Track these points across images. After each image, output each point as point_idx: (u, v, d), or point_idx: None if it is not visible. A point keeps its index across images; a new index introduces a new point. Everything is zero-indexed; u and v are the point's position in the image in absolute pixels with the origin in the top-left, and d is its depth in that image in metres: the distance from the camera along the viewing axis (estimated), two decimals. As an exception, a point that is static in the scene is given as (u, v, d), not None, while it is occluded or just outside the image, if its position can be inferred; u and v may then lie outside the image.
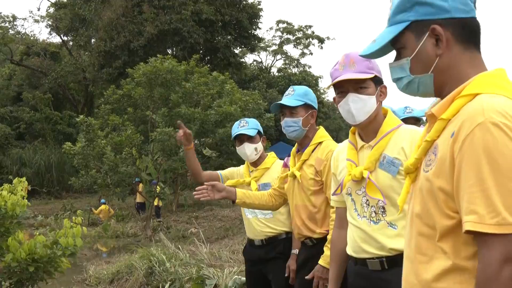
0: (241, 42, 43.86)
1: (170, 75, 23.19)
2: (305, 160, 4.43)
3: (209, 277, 9.36)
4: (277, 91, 47.00)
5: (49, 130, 48.39)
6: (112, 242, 21.37)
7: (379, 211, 3.23)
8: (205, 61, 40.05)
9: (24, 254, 6.26)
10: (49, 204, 37.22)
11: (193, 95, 23.64)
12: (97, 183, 21.83)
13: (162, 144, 21.28)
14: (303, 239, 4.46)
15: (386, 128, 3.29)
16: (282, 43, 60.44)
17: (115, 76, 38.29)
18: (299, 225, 4.40)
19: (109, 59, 39.86)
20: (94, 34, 44.03)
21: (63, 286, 12.82)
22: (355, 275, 3.42)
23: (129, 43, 38.26)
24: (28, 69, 53.13)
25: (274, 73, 59.42)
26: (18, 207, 6.44)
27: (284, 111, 4.52)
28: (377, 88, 3.34)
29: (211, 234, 19.53)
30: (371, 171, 3.26)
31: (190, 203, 30.48)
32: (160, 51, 34.76)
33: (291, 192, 4.53)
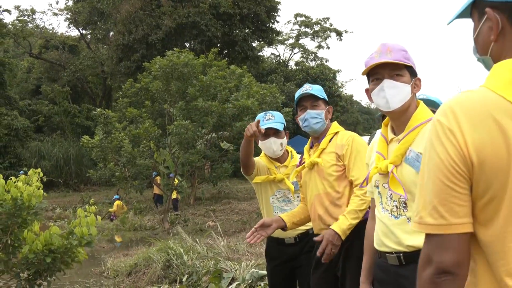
0: (259, 35, 43.81)
1: (186, 68, 23.17)
2: (323, 149, 4.39)
3: (227, 270, 9.33)
4: (294, 84, 46.93)
5: (67, 123, 48.62)
6: (129, 234, 21.42)
7: (401, 206, 3.19)
8: (223, 55, 40.05)
9: (40, 245, 6.26)
10: (67, 197, 37.40)
11: (210, 89, 23.61)
12: (115, 176, 21.89)
13: (179, 137, 21.30)
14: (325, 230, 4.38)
15: (415, 122, 3.23)
16: (300, 37, 60.30)
17: (133, 69, 38.39)
18: (321, 213, 4.32)
19: (127, 53, 39.95)
20: (112, 28, 44.20)
21: (82, 278, 12.89)
22: (378, 268, 3.39)
23: (147, 36, 38.32)
24: (47, 63, 53.45)
25: (291, 66, 59.35)
26: (34, 198, 6.44)
27: (305, 105, 4.47)
28: (412, 79, 3.28)
29: (228, 227, 19.53)
30: (396, 165, 3.20)
31: (207, 196, 30.52)
32: (178, 44, 34.80)
33: (309, 183, 4.47)
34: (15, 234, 6.44)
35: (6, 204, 6.25)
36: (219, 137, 24.20)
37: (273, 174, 5.27)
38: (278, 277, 5.28)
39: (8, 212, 6.27)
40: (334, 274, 4.28)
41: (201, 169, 25.98)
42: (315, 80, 52.46)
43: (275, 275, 5.30)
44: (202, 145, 23.60)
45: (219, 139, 24.30)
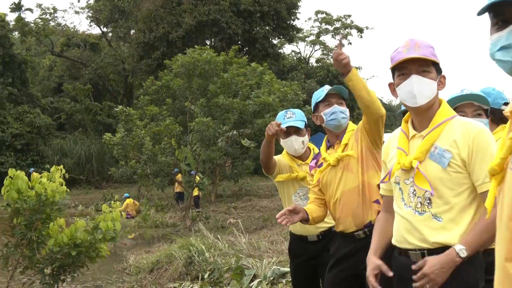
0: (280, 32, 43.79)
1: (208, 65, 23.20)
2: (346, 144, 4.38)
3: (248, 267, 9.34)
4: (315, 81, 46.85)
5: (89, 120, 48.88)
6: (151, 231, 21.49)
7: (425, 202, 3.16)
8: (243, 52, 40.06)
9: (66, 239, 6.30)
10: (89, 194, 37.64)
11: (231, 86, 23.63)
12: (136, 173, 21.97)
13: (200, 134, 21.33)
14: (355, 230, 4.32)
15: (439, 118, 3.21)
16: (321, 33, 60.14)
17: (154, 67, 38.52)
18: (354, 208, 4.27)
19: (148, 50, 40.09)
20: (133, 26, 44.39)
21: (104, 274, 12.96)
22: (399, 266, 3.36)
23: (167, 34, 38.43)
24: (68, 60, 53.75)
25: (312, 63, 59.25)
26: (57, 194, 6.49)
27: (331, 101, 4.48)
28: (437, 76, 3.27)
29: (249, 224, 19.52)
30: (420, 161, 3.19)
31: (229, 193, 30.55)
32: (199, 42, 34.88)
33: (335, 180, 4.43)
34: (39, 230, 6.49)
35: (30, 200, 6.30)
36: (240, 134, 24.20)
37: (295, 172, 5.26)
38: (302, 275, 5.26)
39: (32, 208, 6.33)
40: (353, 273, 4.24)
41: (222, 166, 26.00)
42: (336, 77, 52.33)
43: (298, 273, 5.28)
44: (223, 142, 23.61)
45: (240, 136, 24.30)
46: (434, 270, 3.03)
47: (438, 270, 3.03)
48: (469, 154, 3.05)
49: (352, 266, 4.21)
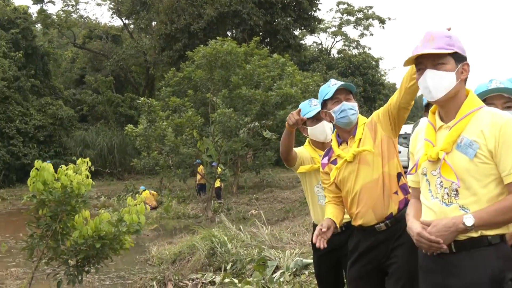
0: (301, 23, 43.62)
1: (230, 57, 23.20)
2: (360, 139, 4.35)
3: (271, 258, 9.34)
4: (337, 73, 46.74)
5: (111, 112, 49.06)
6: (173, 223, 21.57)
7: (452, 194, 3.15)
8: (264, 43, 39.96)
9: (90, 231, 6.34)
10: (112, 185, 37.82)
11: (253, 77, 23.62)
12: (158, 164, 22.05)
13: (222, 125, 21.35)
14: (376, 222, 4.31)
15: (466, 109, 3.19)
16: (342, 24, 59.92)
17: (175, 58, 38.56)
18: (375, 201, 4.26)
19: (169, 42, 40.12)
20: (154, 17, 44.41)
21: (127, 265, 13.04)
22: (425, 257, 3.34)
23: (189, 25, 38.43)
24: (91, 52, 53.94)
25: (334, 54, 59.07)
26: (83, 187, 6.52)
27: (339, 97, 4.43)
28: (457, 65, 3.24)
29: (271, 216, 19.51)
30: (447, 152, 3.17)
31: (250, 184, 30.57)
32: (220, 33, 34.81)
33: (351, 177, 4.37)
34: (64, 221, 6.53)
35: (56, 192, 6.33)
36: (262, 126, 24.18)
37: (317, 163, 5.22)
38: (325, 266, 5.25)
39: (57, 200, 6.37)
40: (376, 266, 4.23)
41: (243, 158, 26.03)
42: (358, 68, 52.16)
43: (321, 264, 5.27)
44: (245, 134, 23.61)
45: (262, 128, 24.28)
46: (436, 230, 3.09)
47: (440, 231, 3.08)
48: (495, 145, 3.03)
49: (375, 259, 4.19)
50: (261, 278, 8.21)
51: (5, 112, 42.81)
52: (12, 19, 46.39)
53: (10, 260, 14.34)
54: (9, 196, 34.45)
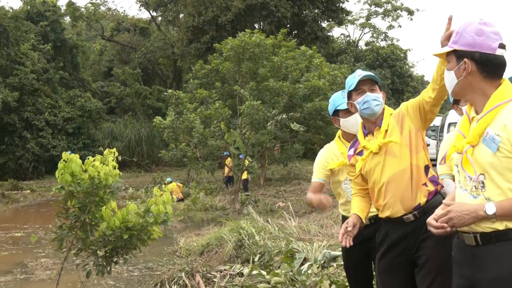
0: (329, 15, 43.50)
1: (258, 49, 23.18)
2: (386, 130, 4.30)
3: (298, 250, 9.33)
4: (365, 65, 46.53)
5: (138, 104, 49.34)
6: (201, 215, 21.63)
7: (479, 186, 3.11)
8: (292, 35, 39.93)
9: (118, 222, 6.35)
10: (139, 177, 38.06)
11: (281, 69, 23.58)
12: (186, 156, 22.10)
13: (250, 118, 21.34)
14: (404, 213, 4.27)
15: (494, 101, 3.14)
16: (370, 16, 59.68)
17: (203, 51, 38.64)
18: (402, 192, 4.22)
19: (197, 34, 40.21)
20: (182, 9, 44.50)
21: (155, 256, 13.10)
22: (456, 248, 3.33)
23: (217, 18, 38.47)
24: (118, 45, 54.28)
25: (361, 46, 58.86)
26: (110, 177, 6.54)
27: (363, 88, 4.39)
28: (458, 62, 3.21)
29: (298, 208, 19.49)
30: (473, 145, 3.13)
31: (277, 177, 30.57)
32: (248, 25, 34.81)
33: (378, 168, 4.32)
34: (92, 212, 6.55)
35: (84, 183, 6.36)
36: (290, 118, 24.13)
37: (346, 158, 5.20)
38: (354, 258, 5.22)
39: (85, 191, 6.39)
40: (407, 258, 4.19)
41: (271, 150, 25.99)
42: (386, 60, 51.90)
43: (351, 257, 5.24)
44: (273, 126, 23.59)
45: (290, 120, 24.23)
46: (458, 211, 3.07)
47: (460, 213, 3.06)
48: None
49: (404, 251, 4.15)
50: (289, 270, 8.18)
51: (34, 104, 43.23)
52: (41, 12, 46.80)
53: (40, 251, 14.47)
54: (38, 188, 34.79)
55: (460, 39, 3.20)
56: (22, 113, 42.55)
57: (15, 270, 12.17)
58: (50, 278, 10.97)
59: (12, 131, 42.80)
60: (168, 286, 8.80)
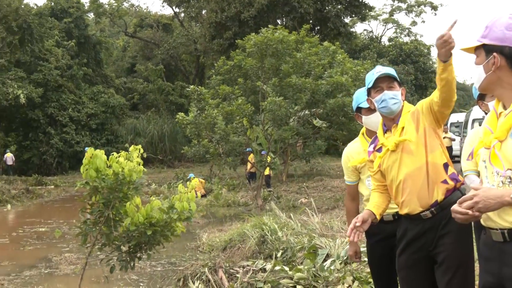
0: (352, 11, 43.30)
1: (281, 45, 23.16)
2: (403, 128, 4.28)
3: (321, 246, 9.31)
4: (388, 60, 46.36)
5: (161, 100, 49.53)
6: (223, 210, 21.67)
7: (506, 181, 3.09)
8: (315, 31, 39.82)
9: (142, 218, 6.39)
10: (162, 173, 38.22)
11: (304, 65, 23.52)
12: (209, 152, 22.13)
13: (272, 114, 21.33)
14: (421, 210, 4.28)
15: None
16: (393, 12, 59.39)
17: (225, 47, 38.65)
18: (418, 189, 4.21)
19: (219, 30, 40.23)
20: (205, 6, 44.57)
21: (178, 252, 13.15)
22: (482, 244, 3.32)
23: (239, 14, 38.46)
24: (141, 41, 54.51)
25: (384, 42, 58.66)
26: (134, 173, 6.57)
27: (381, 86, 4.37)
28: (488, 57, 3.19)
29: (321, 204, 19.45)
30: (501, 140, 3.12)
31: (300, 173, 30.55)
32: (270, 21, 34.79)
33: (395, 166, 4.31)
34: (116, 208, 6.59)
35: (108, 179, 6.39)
36: (312, 114, 24.09)
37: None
38: (377, 254, 5.21)
39: (110, 187, 6.42)
40: (425, 254, 4.19)
41: (293, 146, 25.95)
42: (409, 56, 51.65)
43: (374, 252, 5.24)
44: (295, 122, 23.55)
45: (312, 116, 24.19)
46: (484, 196, 3.00)
47: (486, 198, 3.00)
48: None
49: (423, 247, 4.14)
50: (311, 266, 8.17)
51: (58, 100, 43.61)
52: (65, 8, 47.15)
53: (64, 245, 14.59)
54: (62, 183, 35.09)
55: (490, 33, 3.18)
56: (46, 109, 42.96)
57: (39, 265, 12.29)
58: (74, 273, 11.07)
59: (37, 127, 43.23)
60: (191, 282, 8.84)
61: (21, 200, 26.90)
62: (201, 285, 8.68)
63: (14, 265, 12.46)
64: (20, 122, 43.63)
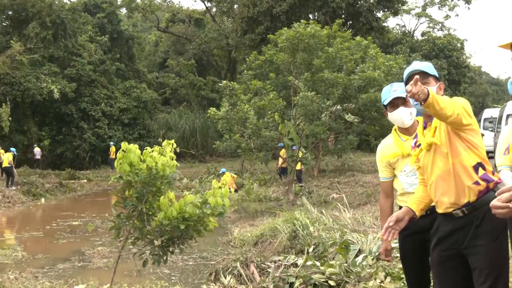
0: (384, 5, 42.97)
1: (313, 40, 23.09)
2: (436, 127, 4.24)
3: (353, 242, 9.29)
4: (420, 55, 45.97)
5: (193, 95, 49.70)
6: (254, 205, 21.71)
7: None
8: (347, 26, 39.62)
9: (175, 213, 6.41)
10: (194, 168, 38.35)
11: (336, 60, 23.43)
12: (240, 147, 22.17)
13: (304, 109, 21.30)
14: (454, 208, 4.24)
15: None
16: (426, 6, 58.89)
17: (257, 42, 38.61)
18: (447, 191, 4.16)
19: (251, 25, 40.20)
20: (237, 0, 44.60)
21: (210, 246, 13.20)
22: None
23: (271, 8, 38.39)
24: (173, 36, 54.70)
25: (417, 37, 58.19)
26: (168, 168, 6.59)
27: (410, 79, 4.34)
28: None
29: (353, 199, 19.37)
30: None
31: (331, 168, 30.47)
32: (302, 16, 34.69)
33: (429, 165, 4.29)
34: (150, 202, 6.62)
35: (142, 173, 6.43)
36: (344, 109, 24.00)
37: (400, 149, 5.18)
38: (409, 248, 5.18)
39: (143, 181, 6.46)
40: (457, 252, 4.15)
41: (325, 141, 25.89)
42: (442, 50, 51.20)
43: (405, 246, 5.21)
44: (327, 117, 23.49)
45: (344, 111, 24.10)
46: None
47: None
48: None
49: (454, 245, 4.11)
50: (343, 262, 8.16)
51: (91, 95, 43.97)
52: (98, 3, 47.49)
53: (96, 239, 14.72)
54: (94, 177, 35.37)
55: None
56: (79, 103, 43.35)
57: (73, 258, 12.42)
58: (107, 266, 11.17)
59: (70, 122, 43.64)
60: (223, 276, 8.87)
61: (55, 194, 27.19)
62: (232, 279, 8.72)
63: (48, 258, 12.60)
64: (53, 117, 44.06)
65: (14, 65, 37.51)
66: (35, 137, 42.32)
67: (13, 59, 36.85)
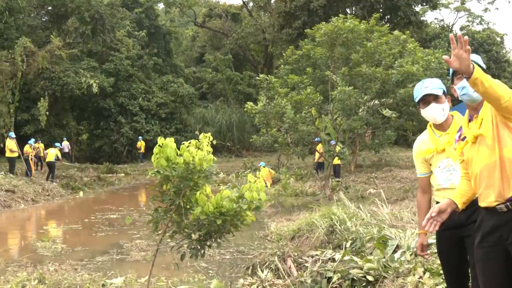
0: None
1: (351, 34, 22.97)
2: (482, 119, 4.17)
3: (391, 237, 9.21)
4: (459, 49, 45.45)
5: (230, 90, 49.82)
6: (291, 200, 21.68)
7: None
8: (385, 20, 39.38)
9: (212, 208, 6.42)
10: (230, 162, 38.44)
11: (374, 55, 23.25)
12: (277, 141, 22.16)
13: (342, 103, 21.19)
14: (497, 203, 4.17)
15: None
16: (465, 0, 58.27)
17: (294, 36, 38.54)
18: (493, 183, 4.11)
19: (288, 20, 40.14)
20: (274, -5, 44.56)
21: (247, 240, 13.21)
22: None
23: (309, 3, 38.30)
24: (210, 31, 54.88)
25: (456, 31, 57.51)
26: (205, 162, 6.60)
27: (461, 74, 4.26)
28: None
29: (390, 195, 19.22)
30: None
31: (368, 163, 30.32)
32: (340, 10, 34.54)
33: (474, 158, 4.23)
34: (187, 196, 6.63)
35: (179, 167, 6.44)
36: (382, 104, 23.82)
37: (435, 145, 5.14)
38: (445, 243, 5.14)
39: (180, 176, 6.47)
40: (503, 248, 4.08)
41: (362, 136, 25.76)
42: (481, 45, 50.63)
43: (442, 242, 5.16)
44: (364, 112, 23.32)
45: (382, 106, 23.92)
46: None
47: None
48: None
49: (499, 241, 4.04)
50: (381, 257, 8.11)
51: (129, 90, 44.33)
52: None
53: (134, 232, 14.83)
54: (132, 171, 35.66)
55: None
56: (117, 98, 43.74)
57: (111, 251, 12.51)
58: (145, 259, 11.25)
59: (108, 116, 44.08)
60: (260, 270, 8.87)
61: (93, 187, 27.50)
62: (269, 273, 8.71)
63: (87, 250, 12.72)
64: (91, 111, 44.56)
65: (54, 60, 37.96)
66: (73, 131, 42.79)
67: (53, 54, 37.26)
